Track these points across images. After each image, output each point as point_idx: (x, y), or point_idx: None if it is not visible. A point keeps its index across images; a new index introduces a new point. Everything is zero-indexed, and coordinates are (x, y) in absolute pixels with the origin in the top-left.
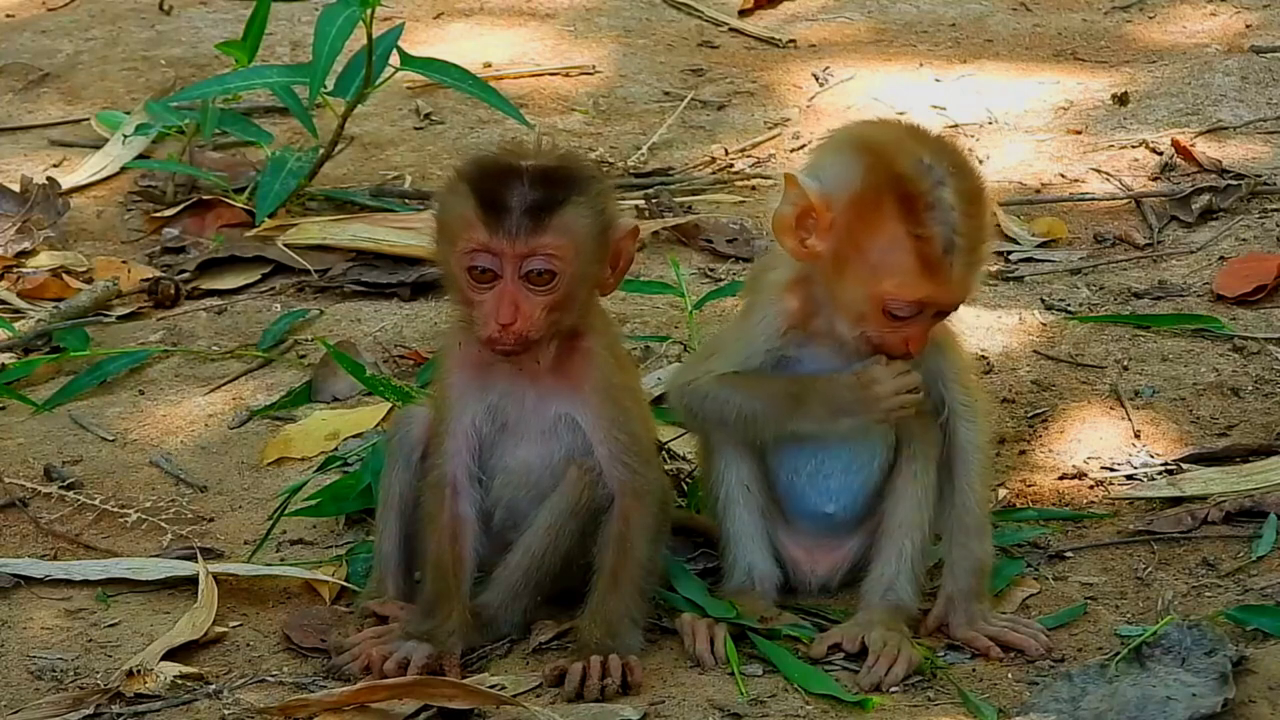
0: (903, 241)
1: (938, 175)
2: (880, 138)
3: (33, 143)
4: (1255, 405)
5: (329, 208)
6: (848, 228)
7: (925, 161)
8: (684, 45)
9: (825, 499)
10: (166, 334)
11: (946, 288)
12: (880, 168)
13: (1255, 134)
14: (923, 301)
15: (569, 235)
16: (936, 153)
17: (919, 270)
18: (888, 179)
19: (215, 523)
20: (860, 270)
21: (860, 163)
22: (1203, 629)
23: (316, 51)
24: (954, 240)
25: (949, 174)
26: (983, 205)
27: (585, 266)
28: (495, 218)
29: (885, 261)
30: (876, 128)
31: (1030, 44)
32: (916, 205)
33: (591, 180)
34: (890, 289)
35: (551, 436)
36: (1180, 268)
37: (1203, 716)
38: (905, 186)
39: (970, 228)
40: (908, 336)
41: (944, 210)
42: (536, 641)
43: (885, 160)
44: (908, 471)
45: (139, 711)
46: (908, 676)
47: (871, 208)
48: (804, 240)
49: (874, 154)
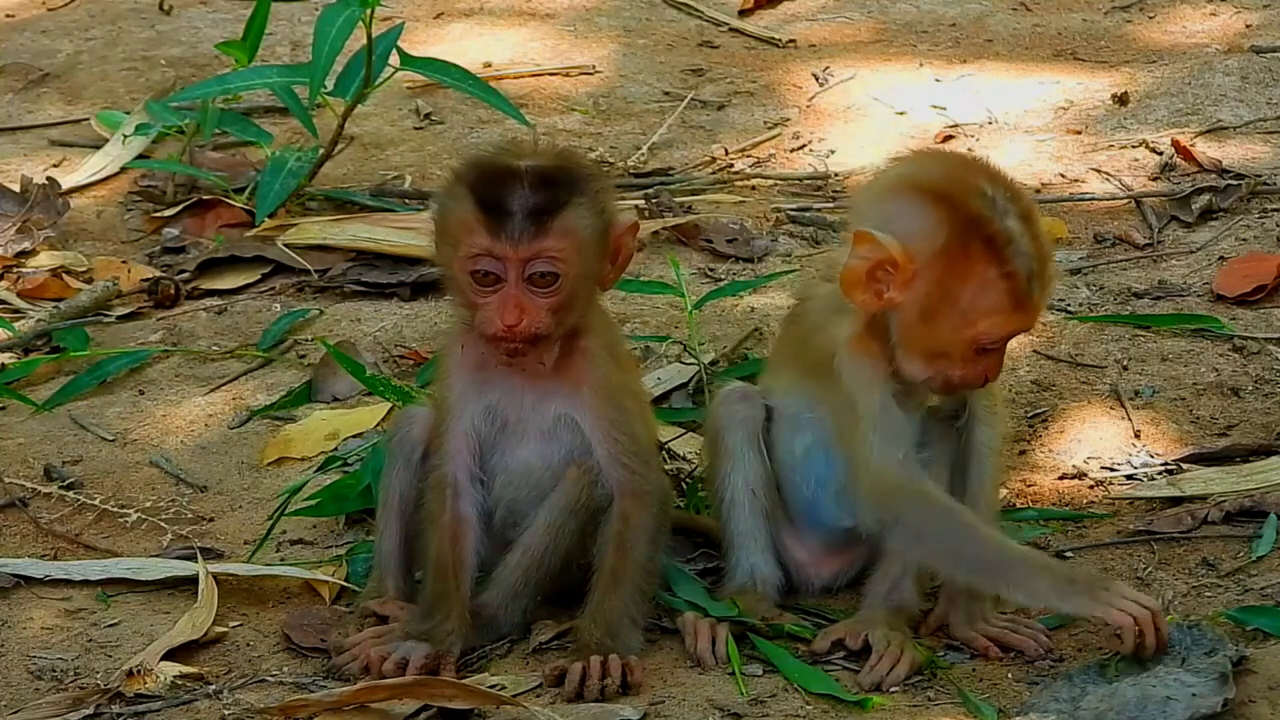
0: (995, 283)
1: (1002, 206)
2: (940, 177)
3: (33, 143)
4: (1255, 405)
5: (329, 208)
6: (935, 277)
7: (989, 194)
8: (684, 45)
9: (847, 514)
10: (166, 334)
11: (1034, 315)
12: (957, 214)
13: (1255, 134)
14: (1015, 330)
15: (571, 236)
16: (990, 179)
17: (1011, 306)
18: (966, 223)
19: (215, 523)
20: (952, 316)
21: (934, 210)
22: (1202, 629)
23: (316, 51)
24: (1034, 268)
25: (1008, 200)
26: (1038, 223)
27: (588, 266)
28: (497, 222)
29: (979, 304)
30: (928, 165)
31: (1030, 44)
32: (998, 243)
33: (591, 179)
34: (985, 329)
35: (552, 437)
36: (1180, 268)
37: (1203, 716)
38: (985, 229)
39: (1039, 250)
40: (986, 368)
41: (1019, 241)
42: (536, 641)
43: (958, 204)
44: None
45: (139, 711)
46: (909, 677)
47: (959, 255)
48: (880, 293)
49: (944, 199)
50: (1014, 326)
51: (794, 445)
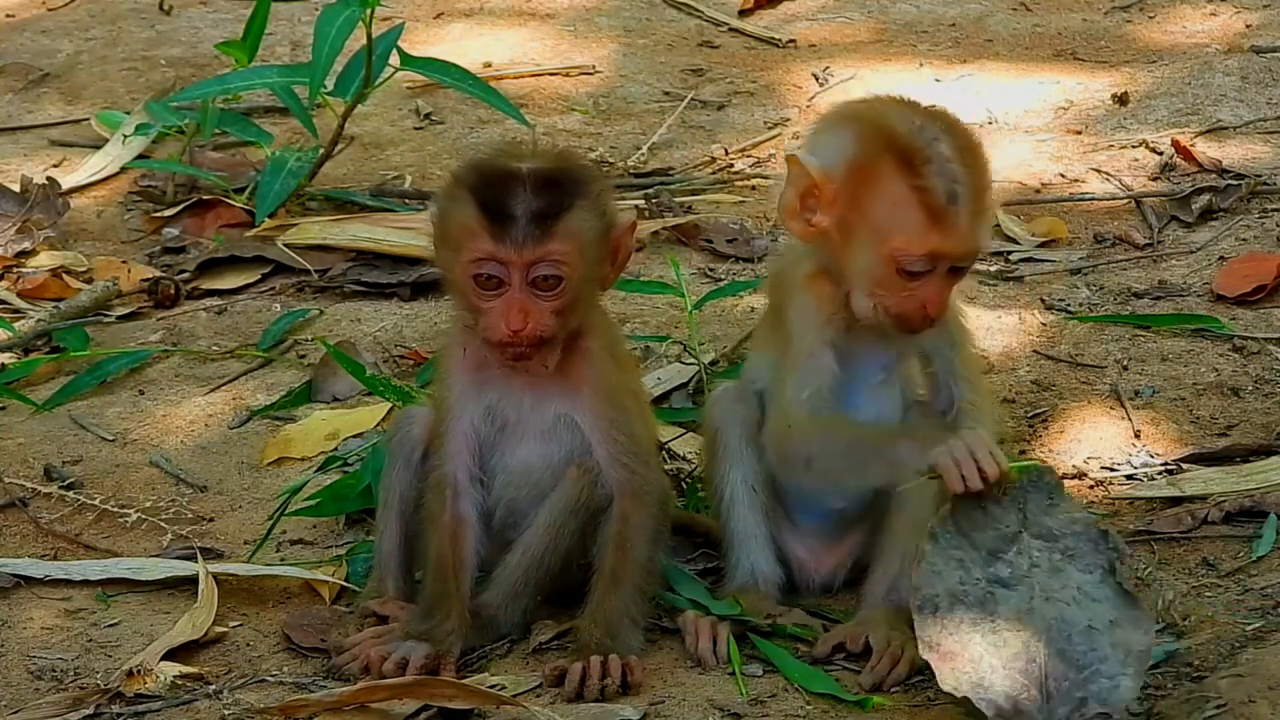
0: (905, 195)
1: (932, 133)
2: (872, 107)
3: (33, 143)
4: (1255, 405)
5: (329, 208)
6: (850, 195)
7: (918, 122)
8: (684, 45)
9: (837, 496)
10: (166, 334)
11: (954, 237)
12: (875, 132)
13: (1255, 134)
14: (933, 254)
15: (574, 239)
16: (928, 115)
17: (925, 221)
18: (884, 141)
19: (215, 523)
20: (867, 233)
21: (855, 131)
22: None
23: (316, 51)
24: (956, 189)
25: (943, 131)
26: (981, 158)
27: (590, 267)
28: (500, 226)
29: (891, 219)
30: (868, 101)
31: (1030, 44)
32: (914, 160)
33: (591, 181)
34: (899, 244)
35: (551, 437)
36: (1180, 268)
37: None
38: (901, 143)
39: (971, 177)
40: (924, 300)
41: (942, 162)
42: (536, 641)
43: (879, 125)
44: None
45: (139, 711)
46: (910, 677)
47: (871, 170)
48: (810, 220)
49: (867, 122)
50: (931, 246)
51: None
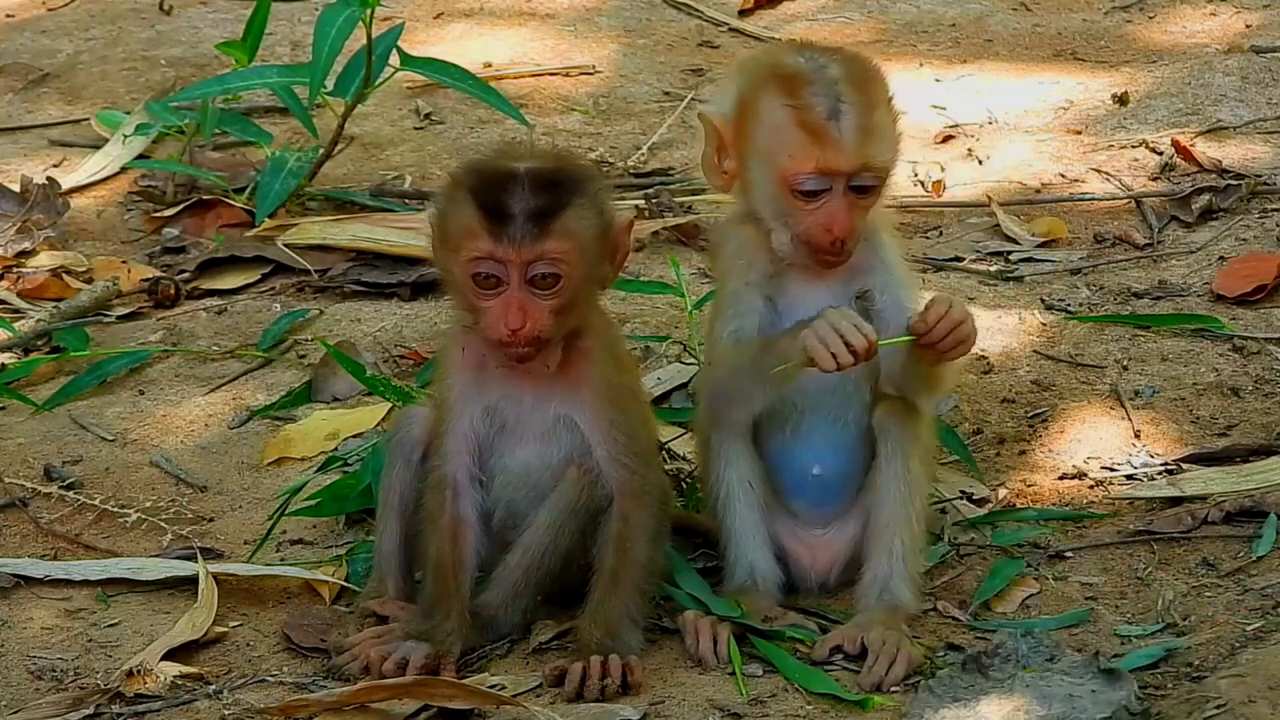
0: (786, 117)
1: (818, 60)
2: (765, 50)
3: (33, 143)
4: (1255, 405)
5: (329, 208)
6: (744, 131)
7: (805, 54)
8: (684, 45)
9: (811, 458)
10: (166, 334)
11: (838, 151)
12: (760, 67)
13: (1255, 134)
14: (820, 171)
15: (572, 238)
16: (821, 50)
17: (806, 139)
18: (767, 73)
19: (215, 523)
20: (762, 163)
21: (746, 73)
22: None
23: (316, 51)
24: (837, 106)
25: (831, 59)
26: (872, 78)
27: (589, 266)
28: (499, 225)
29: (776, 142)
30: (764, 48)
31: (1030, 44)
32: (794, 83)
33: (589, 180)
34: (786, 165)
35: (551, 437)
36: (1180, 268)
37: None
38: (781, 72)
39: (857, 94)
40: (827, 222)
41: (824, 84)
42: (536, 641)
43: (765, 62)
44: (888, 470)
45: (139, 711)
46: (908, 676)
47: (757, 102)
48: (724, 169)
49: (756, 62)
50: (814, 159)
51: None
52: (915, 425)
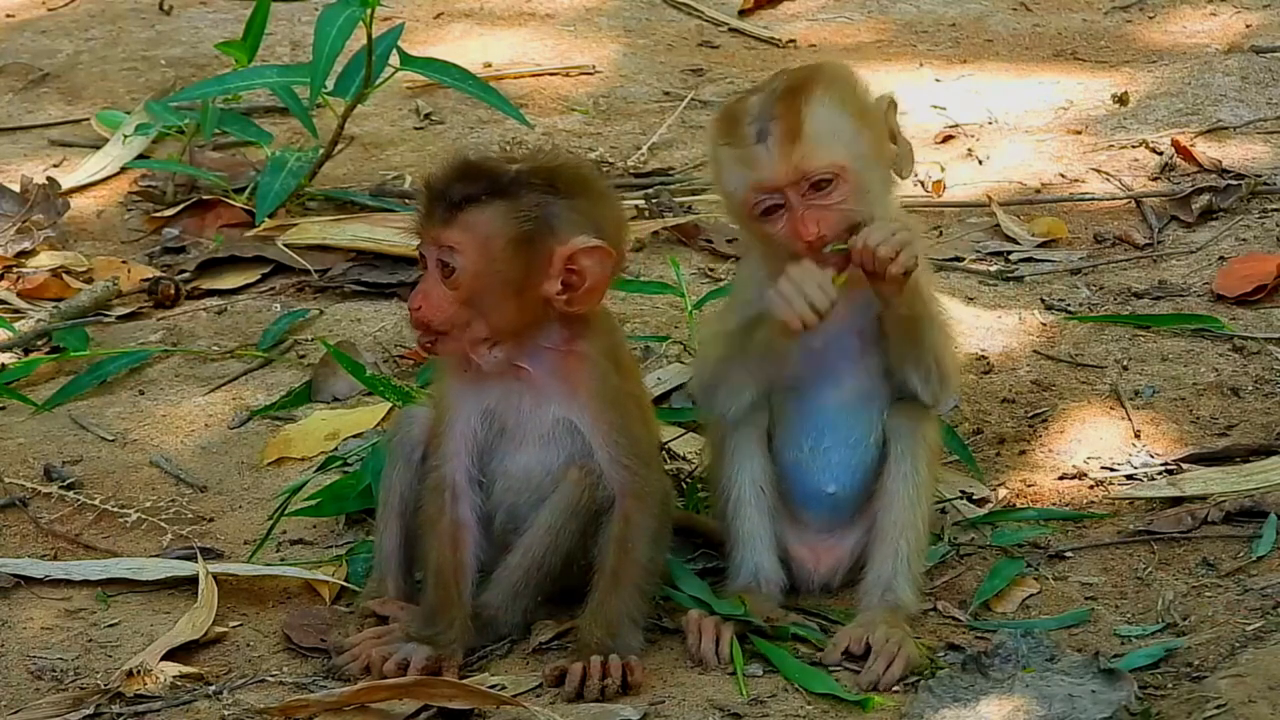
0: (725, 155)
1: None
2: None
3: (33, 143)
4: (1255, 405)
5: (329, 208)
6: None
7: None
8: (684, 45)
9: (827, 478)
10: (166, 334)
11: (767, 167)
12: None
13: (1255, 134)
14: (757, 188)
15: (473, 232)
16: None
17: (741, 168)
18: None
19: (215, 523)
20: (726, 204)
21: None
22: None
23: (316, 51)
24: (766, 127)
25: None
26: (811, 84)
27: (496, 268)
28: (423, 206)
29: (726, 182)
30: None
31: (1030, 44)
32: (729, 124)
33: (526, 185)
34: (736, 196)
35: (551, 441)
36: (1180, 268)
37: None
38: (722, 118)
39: (785, 107)
40: (794, 229)
41: (755, 113)
42: (536, 641)
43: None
44: (897, 472)
45: (139, 711)
46: (905, 675)
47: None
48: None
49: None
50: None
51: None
52: (925, 428)
